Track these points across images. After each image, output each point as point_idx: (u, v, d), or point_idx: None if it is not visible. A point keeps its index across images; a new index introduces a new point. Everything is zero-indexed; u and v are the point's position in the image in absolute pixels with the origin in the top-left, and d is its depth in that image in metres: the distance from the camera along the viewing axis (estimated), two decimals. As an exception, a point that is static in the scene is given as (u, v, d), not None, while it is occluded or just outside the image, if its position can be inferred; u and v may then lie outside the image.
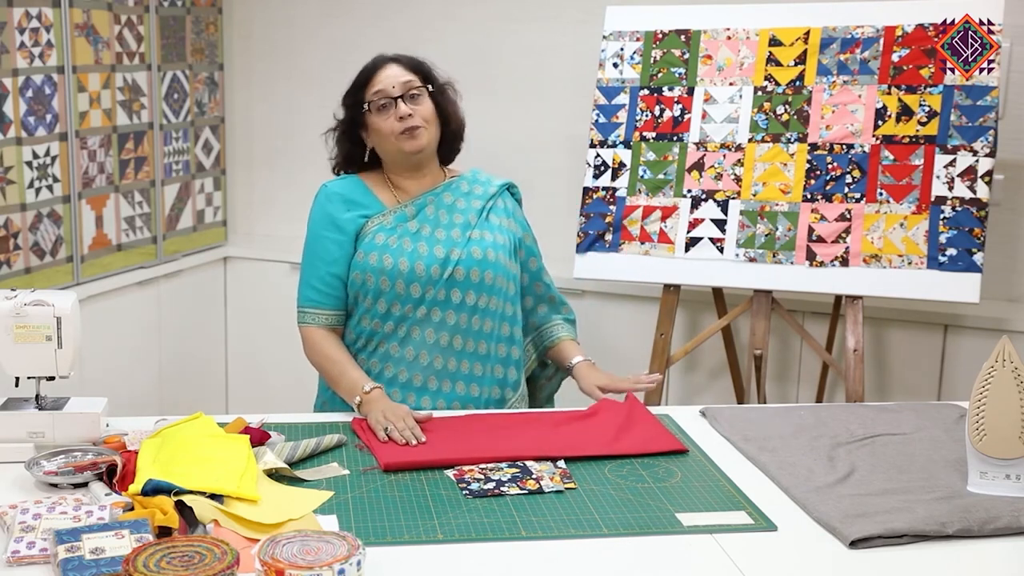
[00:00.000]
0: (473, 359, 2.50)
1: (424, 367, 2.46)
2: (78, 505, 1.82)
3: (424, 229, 2.50)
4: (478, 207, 2.56)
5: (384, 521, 1.86)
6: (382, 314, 2.46)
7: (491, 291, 2.50)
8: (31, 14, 3.44)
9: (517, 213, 2.67)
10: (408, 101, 2.48)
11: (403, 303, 2.45)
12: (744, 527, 1.89)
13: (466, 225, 2.52)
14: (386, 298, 2.45)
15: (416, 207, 2.53)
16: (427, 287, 2.45)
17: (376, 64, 2.53)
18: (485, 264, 2.49)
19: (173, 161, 4.12)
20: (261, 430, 2.17)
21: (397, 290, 2.45)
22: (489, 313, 2.50)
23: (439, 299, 2.46)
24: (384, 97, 2.47)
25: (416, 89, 2.49)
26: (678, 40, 3.38)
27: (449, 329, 2.47)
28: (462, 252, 2.48)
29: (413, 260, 2.45)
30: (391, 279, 2.44)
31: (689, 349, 3.39)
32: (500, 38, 4.04)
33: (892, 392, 3.60)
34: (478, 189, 2.60)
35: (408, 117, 2.46)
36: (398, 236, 2.48)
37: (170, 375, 4.13)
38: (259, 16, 4.42)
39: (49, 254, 3.60)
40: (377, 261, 2.45)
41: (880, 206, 3.14)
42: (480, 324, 2.49)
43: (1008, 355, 1.99)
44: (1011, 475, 1.99)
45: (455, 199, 2.56)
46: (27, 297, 2.07)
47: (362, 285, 2.46)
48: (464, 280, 2.46)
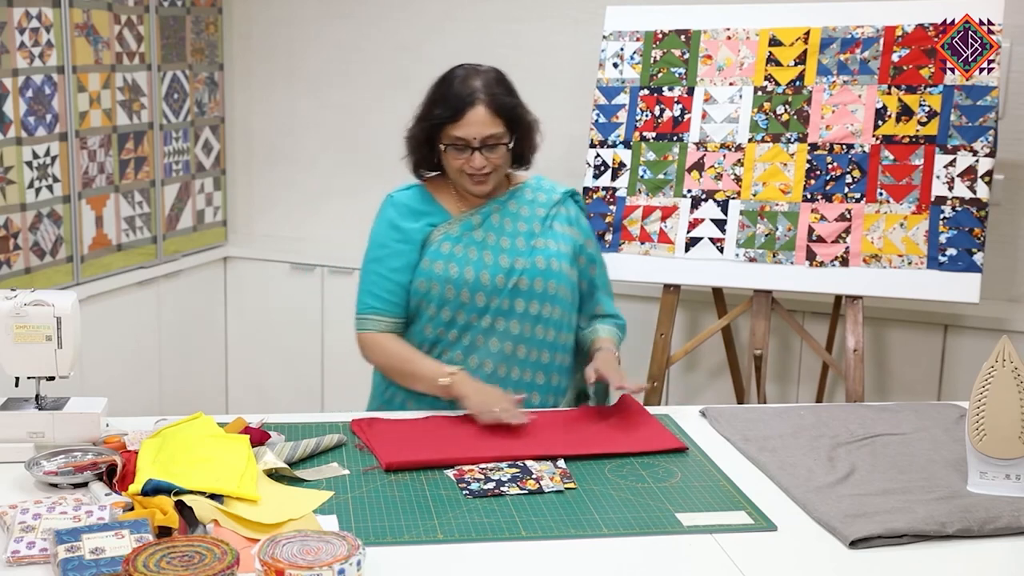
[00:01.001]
0: (535, 368, 2.50)
1: (488, 375, 2.46)
2: (78, 505, 1.82)
3: (489, 238, 2.49)
4: (542, 215, 2.54)
5: (384, 521, 1.86)
6: (446, 322, 2.46)
7: (554, 301, 2.49)
8: (31, 14, 3.44)
9: (580, 220, 2.62)
10: (486, 151, 2.43)
11: (467, 312, 2.45)
12: (744, 527, 1.89)
13: (530, 234, 2.51)
14: (450, 307, 2.45)
15: (482, 215, 2.51)
16: (491, 297, 2.45)
17: (465, 100, 2.40)
18: (548, 274, 2.48)
19: (173, 161, 4.12)
20: (261, 430, 2.17)
21: (462, 299, 2.44)
22: (552, 323, 2.49)
23: (503, 309, 2.45)
24: (463, 142, 2.42)
25: (496, 140, 2.43)
26: (678, 40, 3.38)
27: (513, 338, 2.46)
28: (526, 262, 2.47)
29: (478, 269, 2.45)
30: (456, 288, 2.44)
31: (689, 349, 3.39)
32: (500, 38, 4.04)
33: (892, 392, 3.60)
34: (541, 196, 2.57)
35: (483, 167, 2.43)
36: (464, 245, 2.47)
37: (170, 375, 4.13)
38: (259, 16, 4.42)
39: (49, 254, 3.60)
40: (443, 270, 2.45)
41: (880, 206, 3.14)
42: (544, 333, 2.49)
43: (1008, 355, 1.99)
44: (1011, 475, 1.99)
45: (519, 207, 2.54)
46: (27, 297, 2.07)
47: (427, 293, 2.45)
48: (528, 290, 2.46)
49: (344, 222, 4.45)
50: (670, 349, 3.33)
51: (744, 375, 3.58)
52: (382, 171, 4.37)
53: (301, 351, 4.32)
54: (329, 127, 4.40)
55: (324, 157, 4.45)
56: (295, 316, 4.30)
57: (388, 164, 4.35)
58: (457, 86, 2.43)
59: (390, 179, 4.37)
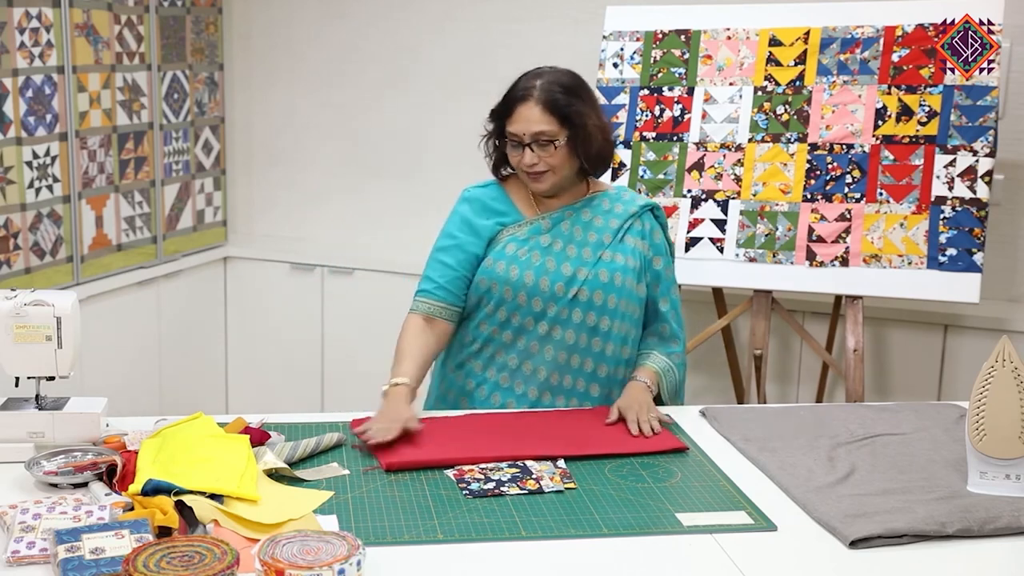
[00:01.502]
0: (590, 379, 2.48)
1: (541, 382, 2.45)
2: (78, 505, 1.82)
3: (556, 244, 2.47)
4: (615, 226, 2.50)
5: (384, 521, 1.86)
6: (501, 322, 2.46)
7: (614, 315, 2.46)
8: (31, 14, 3.44)
9: (655, 235, 2.55)
10: (536, 148, 2.40)
11: (523, 315, 2.44)
12: (744, 527, 1.89)
13: (599, 244, 2.48)
14: (507, 308, 2.44)
15: (552, 221, 2.50)
16: (548, 303, 2.43)
17: (517, 96, 2.42)
18: (610, 288, 2.45)
19: (173, 161, 4.12)
20: (261, 430, 2.17)
21: (519, 301, 2.44)
22: (611, 336, 2.47)
23: (561, 317, 2.44)
24: (515, 138, 2.42)
25: (547, 139, 2.40)
26: (678, 40, 3.38)
27: (568, 348, 2.45)
28: (589, 273, 2.45)
29: (539, 275, 2.44)
30: (514, 290, 2.43)
31: (689, 349, 3.39)
32: (500, 38, 4.04)
33: (892, 392, 3.60)
34: (619, 208, 2.53)
35: (534, 164, 2.42)
36: (528, 248, 2.46)
37: (170, 375, 4.13)
38: (259, 16, 4.42)
39: (49, 254, 3.60)
40: (504, 271, 2.44)
41: (880, 206, 3.14)
42: (602, 346, 2.46)
43: (1008, 355, 1.99)
44: (1011, 475, 1.99)
45: (593, 216, 2.51)
46: (27, 297, 2.07)
47: (486, 291, 2.45)
48: (587, 302, 2.44)
49: (344, 222, 4.45)
50: (670, 349, 3.33)
51: (744, 375, 3.58)
52: (382, 171, 4.38)
53: (301, 351, 4.32)
54: (329, 127, 4.40)
55: (324, 157, 4.45)
56: (295, 316, 4.30)
57: (388, 164, 4.38)
58: (518, 82, 2.45)
59: (390, 179, 4.39)
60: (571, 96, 2.42)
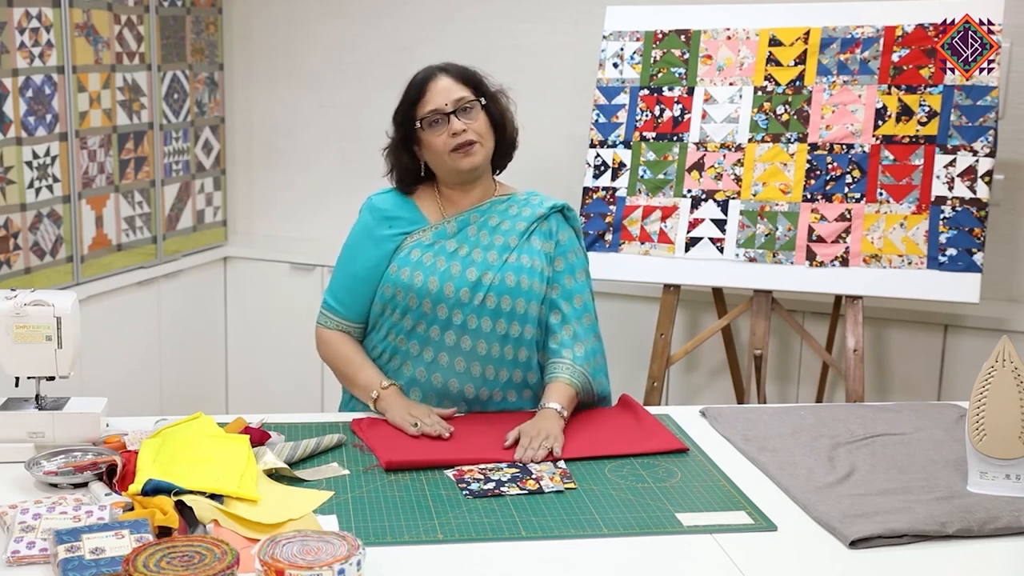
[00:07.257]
0: (521, 388, 2.45)
1: (455, 394, 2.41)
2: (78, 505, 1.82)
3: (462, 249, 2.42)
4: (521, 229, 2.45)
5: (384, 521, 1.86)
6: (407, 331, 2.41)
7: (524, 320, 2.40)
8: (31, 14, 3.44)
9: (561, 236, 2.49)
10: (461, 115, 2.38)
11: (428, 323, 2.39)
12: (744, 527, 1.89)
13: (504, 248, 2.43)
14: (412, 316, 2.39)
15: (458, 224, 2.45)
16: (454, 310, 2.37)
17: (426, 77, 2.43)
18: (517, 292, 2.39)
19: (173, 161, 4.12)
20: (261, 430, 2.17)
21: (423, 309, 2.38)
22: (525, 342, 2.41)
23: (470, 327, 2.37)
24: (437, 113, 2.39)
25: (469, 103, 2.39)
26: (678, 40, 3.38)
27: (482, 360, 2.39)
28: (495, 277, 2.38)
29: (443, 280, 2.38)
30: (419, 297, 2.38)
31: (689, 349, 3.40)
32: (500, 38, 4.04)
33: (892, 392, 3.60)
34: (526, 211, 2.47)
35: (462, 133, 2.38)
36: (434, 254, 2.41)
37: (170, 375, 4.13)
38: (259, 16, 4.42)
39: (49, 254, 3.60)
40: (408, 277, 2.39)
41: (880, 206, 3.14)
42: (524, 354, 2.42)
43: (1008, 355, 1.99)
44: (1011, 475, 1.99)
45: (500, 220, 2.46)
46: (27, 297, 2.07)
47: (391, 299, 2.41)
48: (495, 308, 2.38)
49: (344, 222, 4.41)
50: (670, 349, 3.33)
51: (744, 375, 3.58)
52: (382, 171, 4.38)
53: (301, 351, 4.30)
54: (329, 127, 4.40)
55: (324, 157, 4.45)
56: (295, 316, 4.30)
57: (388, 164, 4.37)
58: (418, 74, 2.48)
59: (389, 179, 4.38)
60: (475, 72, 2.46)
